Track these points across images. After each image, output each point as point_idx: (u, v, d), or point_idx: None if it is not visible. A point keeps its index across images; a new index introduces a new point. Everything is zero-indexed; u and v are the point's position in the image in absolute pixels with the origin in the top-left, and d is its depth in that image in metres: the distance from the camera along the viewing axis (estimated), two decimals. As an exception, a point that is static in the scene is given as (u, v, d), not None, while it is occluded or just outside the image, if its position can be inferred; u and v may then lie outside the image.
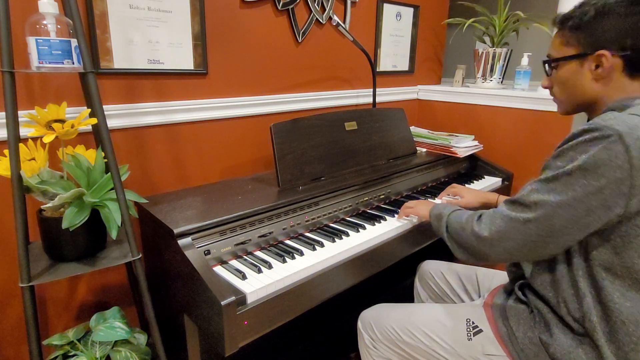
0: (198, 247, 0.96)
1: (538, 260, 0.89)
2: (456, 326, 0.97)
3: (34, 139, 0.90)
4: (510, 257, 0.84)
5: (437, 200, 1.44)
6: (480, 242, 0.86)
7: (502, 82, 1.97)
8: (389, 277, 1.93)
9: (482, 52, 1.91)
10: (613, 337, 0.77)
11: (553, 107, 1.62)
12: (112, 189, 0.92)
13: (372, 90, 1.81)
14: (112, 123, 1.14)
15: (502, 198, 1.33)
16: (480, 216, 0.90)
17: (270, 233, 1.11)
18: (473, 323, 0.96)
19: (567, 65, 0.87)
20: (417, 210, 1.22)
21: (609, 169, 0.69)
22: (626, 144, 0.68)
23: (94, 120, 0.88)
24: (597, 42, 0.81)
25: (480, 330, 0.94)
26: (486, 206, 1.38)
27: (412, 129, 1.93)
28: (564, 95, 0.91)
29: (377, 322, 1.09)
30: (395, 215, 1.29)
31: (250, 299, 0.88)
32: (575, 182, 0.72)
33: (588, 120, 0.84)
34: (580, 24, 0.83)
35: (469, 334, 0.95)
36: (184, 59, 1.27)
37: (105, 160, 0.92)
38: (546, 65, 0.92)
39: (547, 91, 0.95)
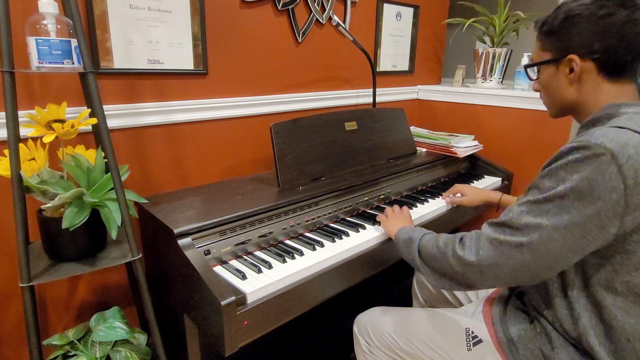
0: (198, 247, 0.96)
1: (529, 285, 0.87)
2: (455, 336, 0.96)
3: (34, 139, 0.90)
4: (499, 284, 0.79)
5: (441, 200, 1.43)
6: (466, 268, 0.80)
7: (502, 82, 1.97)
8: (388, 278, 1.93)
9: (482, 52, 1.91)
10: (619, 355, 0.75)
11: (553, 107, 1.64)
12: (112, 189, 0.92)
13: (372, 90, 1.81)
14: (112, 123, 1.14)
15: (506, 197, 1.32)
16: (461, 239, 0.83)
17: (270, 233, 1.11)
18: (472, 333, 0.95)
19: (546, 70, 0.87)
20: (385, 225, 1.15)
21: (605, 191, 0.67)
22: (619, 164, 0.66)
23: (94, 120, 0.88)
24: (567, 46, 0.81)
25: (480, 341, 0.93)
26: (488, 205, 1.38)
27: (412, 129, 1.93)
28: (548, 99, 0.91)
29: (374, 327, 1.08)
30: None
31: (250, 299, 0.88)
32: (570, 205, 0.69)
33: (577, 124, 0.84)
34: (551, 29, 0.83)
35: (468, 344, 0.94)
36: (183, 59, 1.27)
37: (105, 160, 0.92)
38: (528, 70, 0.93)
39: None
